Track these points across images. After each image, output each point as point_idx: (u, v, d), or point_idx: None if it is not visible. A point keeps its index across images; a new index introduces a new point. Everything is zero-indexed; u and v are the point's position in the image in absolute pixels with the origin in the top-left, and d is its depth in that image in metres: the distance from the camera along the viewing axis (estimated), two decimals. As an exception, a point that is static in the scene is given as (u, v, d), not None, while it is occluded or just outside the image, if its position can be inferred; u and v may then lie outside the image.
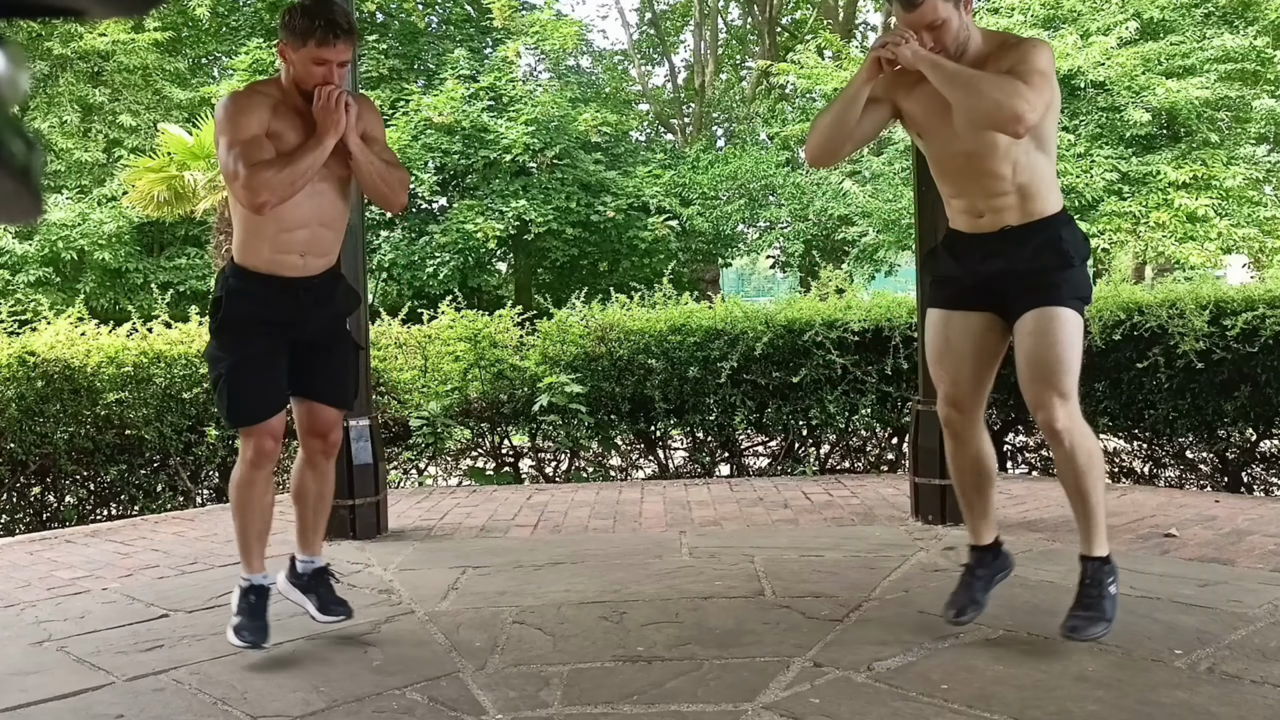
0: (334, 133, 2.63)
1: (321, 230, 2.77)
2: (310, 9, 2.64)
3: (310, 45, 2.61)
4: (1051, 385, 2.53)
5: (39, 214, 0.59)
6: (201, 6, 17.32)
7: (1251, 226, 12.81)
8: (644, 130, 22.53)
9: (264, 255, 2.71)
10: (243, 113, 2.62)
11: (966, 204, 2.68)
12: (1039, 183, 2.59)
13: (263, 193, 2.54)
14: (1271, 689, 2.32)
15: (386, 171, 2.80)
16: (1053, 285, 2.56)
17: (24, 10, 0.56)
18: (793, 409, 6.05)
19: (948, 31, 2.54)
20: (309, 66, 2.63)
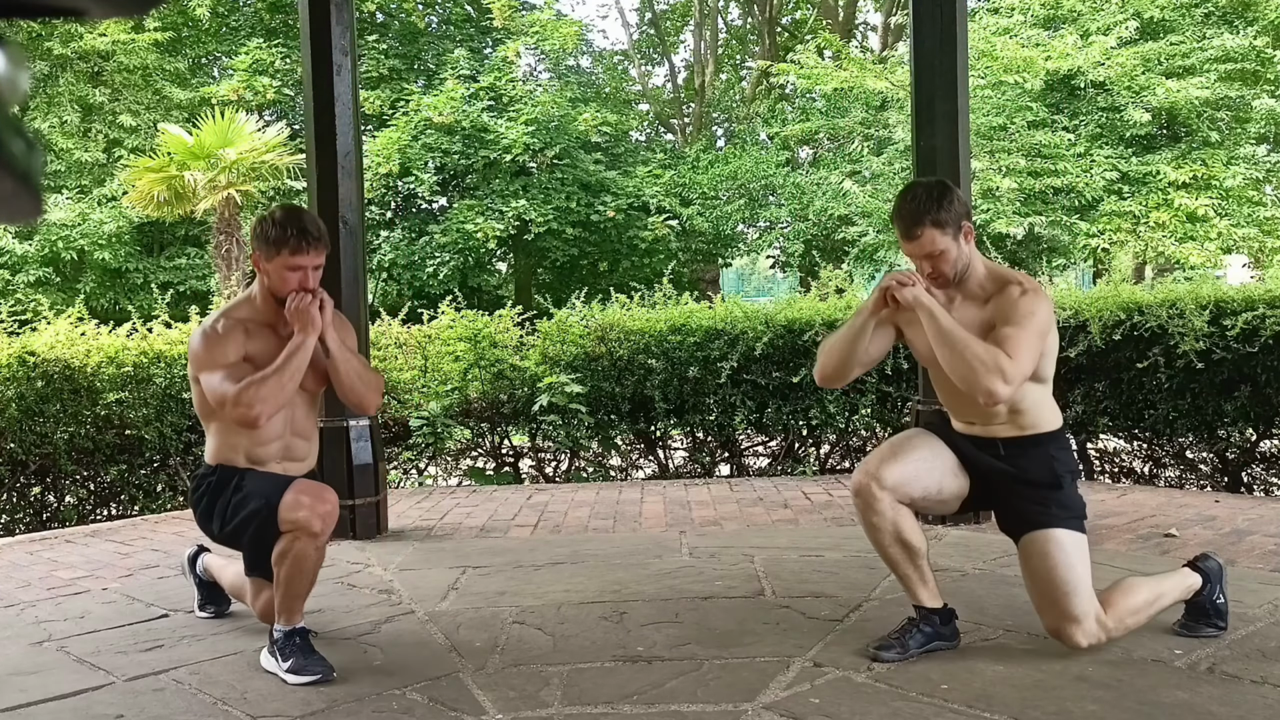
0: (312, 330, 2.68)
1: (295, 440, 2.82)
2: (281, 220, 2.71)
3: (284, 254, 2.68)
4: (1064, 612, 2.52)
5: (39, 214, 0.59)
6: (201, 6, 17.32)
7: (1251, 226, 12.81)
8: (644, 130, 22.54)
9: (240, 463, 2.75)
10: (219, 345, 2.67)
11: (958, 413, 2.71)
12: (1033, 408, 2.60)
13: (256, 405, 2.58)
14: (1271, 689, 2.32)
15: (364, 372, 2.86)
16: (1045, 505, 2.56)
17: (24, 10, 0.56)
18: (793, 409, 6.05)
19: (946, 261, 2.57)
20: (283, 274, 2.70)
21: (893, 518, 2.56)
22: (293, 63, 16.91)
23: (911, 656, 2.59)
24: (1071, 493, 2.60)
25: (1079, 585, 2.51)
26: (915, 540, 2.60)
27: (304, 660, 2.57)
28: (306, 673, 2.55)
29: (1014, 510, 2.62)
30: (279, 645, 2.61)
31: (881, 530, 2.58)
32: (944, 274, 2.58)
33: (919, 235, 2.54)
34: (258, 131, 14.11)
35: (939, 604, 2.67)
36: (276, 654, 2.61)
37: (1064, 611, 2.51)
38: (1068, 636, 2.53)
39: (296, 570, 2.59)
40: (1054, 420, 2.65)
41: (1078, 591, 2.51)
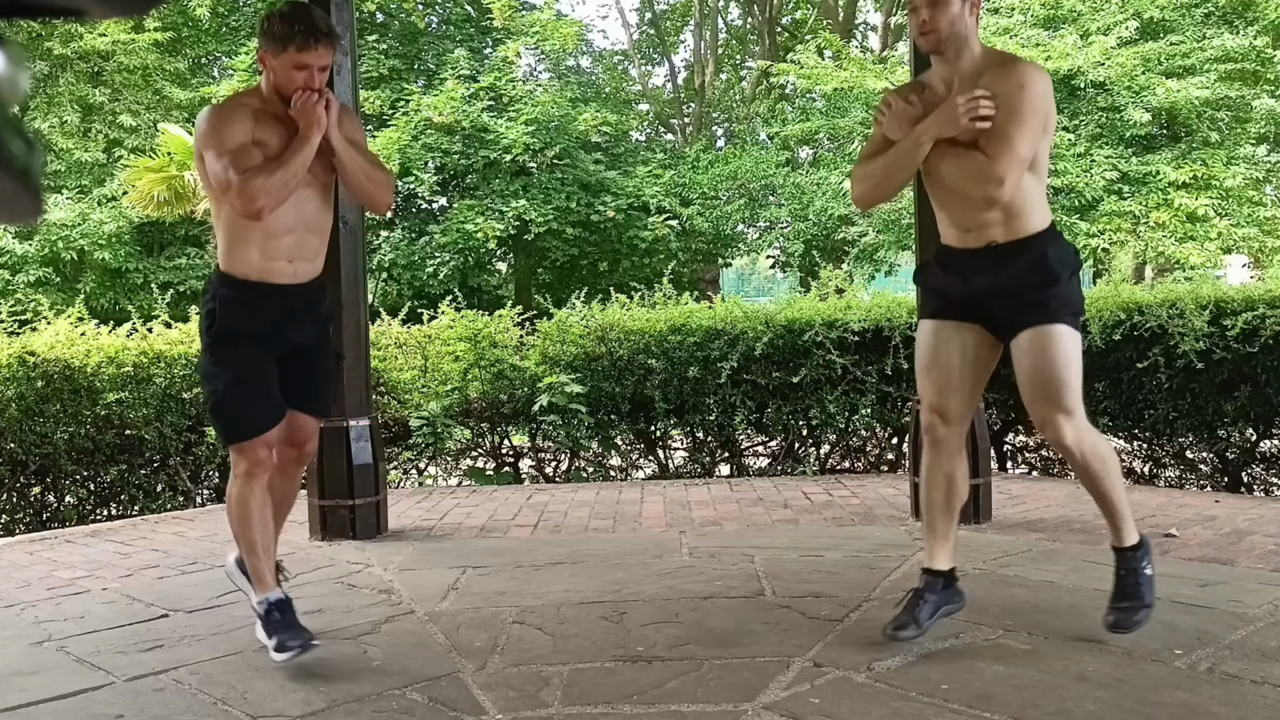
0: (317, 129, 2.63)
1: (308, 235, 2.76)
2: (289, 15, 2.64)
3: (290, 51, 2.61)
4: (1054, 404, 2.54)
5: (39, 214, 0.59)
6: (201, 7, 17.32)
7: (1251, 226, 12.80)
8: (644, 130, 22.53)
9: (253, 263, 2.69)
10: (226, 123, 2.61)
11: (953, 218, 2.70)
12: (1025, 201, 2.59)
13: (259, 198, 2.53)
14: (1271, 689, 2.32)
15: (370, 169, 2.80)
16: (1042, 303, 2.57)
17: (24, 10, 0.56)
18: (793, 409, 6.05)
19: (944, 11, 2.56)
20: (289, 72, 2.63)
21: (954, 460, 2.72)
22: (293, 63, 16.87)
23: (927, 629, 2.65)
24: (1069, 287, 2.61)
25: (1073, 381, 2.55)
26: (961, 488, 2.74)
27: (283, 632, 2.60)
28: (287, 647, 2.57)
29: (1013, 313, 2.62)
30: (263, 617, 2.64)
31: (939, 470, 2.72)
32: (938, 26, 2.57)
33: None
34: (258, 131, 14.08)
35: (948, 566, 2.72)
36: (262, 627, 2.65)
37: (1057, 403, 2.54)
38: (1056, 427, 2.55)
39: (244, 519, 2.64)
40: (1044, 219, 2.64)
41: (1071, 387, 2.54)
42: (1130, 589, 2.69)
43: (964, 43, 2.61)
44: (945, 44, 2.60)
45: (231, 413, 2.70)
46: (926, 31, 2.59)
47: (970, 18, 2.60)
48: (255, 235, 2.66)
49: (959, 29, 2.58)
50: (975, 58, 2.62)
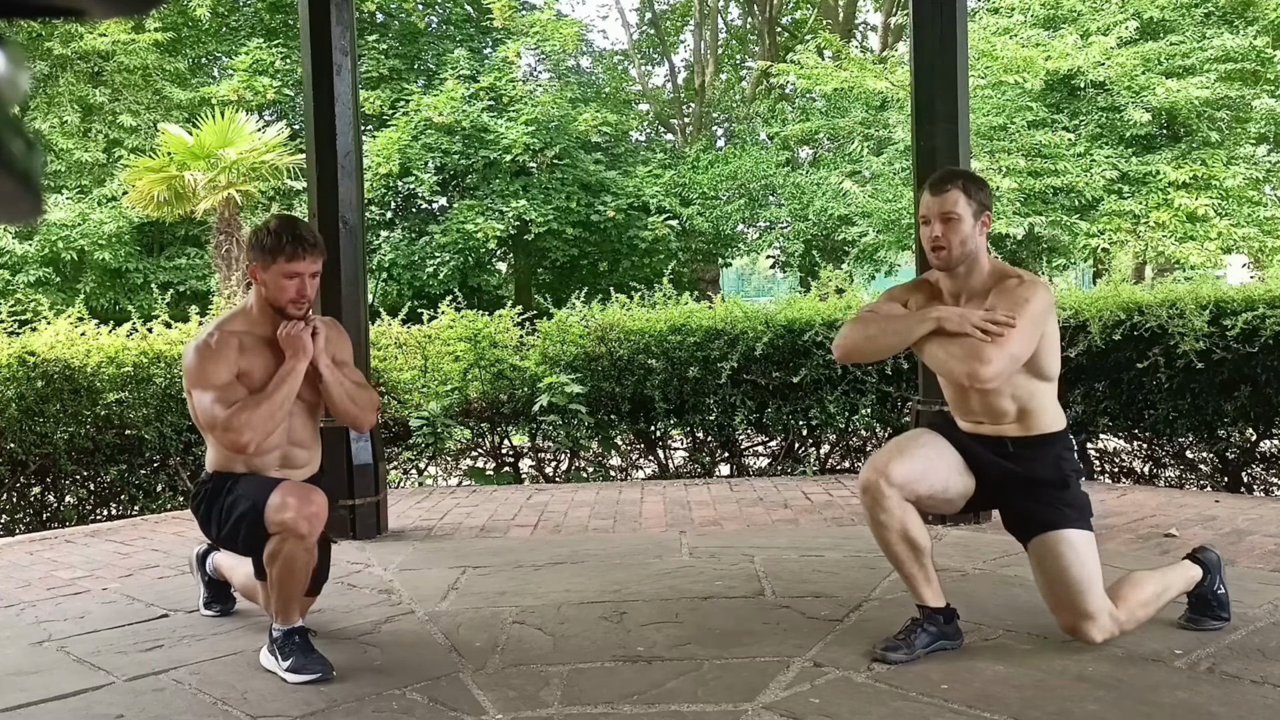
0: (303, 357, 2.69)
1: (294, 449, 2.82)
2: (276, 229, 2.71)
3: (280, 261, 2.68)
4: (1079, 611, 2.56)
5: (39, 214, 0.59)
6: (201, 7, 17.32)
7: (1251, 226, 12.79)
8: (644, 130, 22.51)
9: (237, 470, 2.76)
10: (212, 361, 2.66)
11: (964, 413, 2.73)
12: (1039, 410, 2.63)
13: (245, 432, 2.59)
14: (1271, 689, 2.32)
15: (356, 392, 2.86)
16: (1056, 505, 2.59)
17: (24, 10, 0.56)
18: (793, 409, 6.05)
19: (956, 230, 2.59)
20: (280, 281, 2.70)
21: (900, 515, 2.57)
22: (293, 63, 16.91)
23: (918, 657, 2.59)
24: (1078, 492, 2.63)
25: (1092, 583, 2.55)
26: (921, 539, 2.61)
27: (304, 659, 2.57)
28: (306, 671, 2.55)
29: (1023, 511, 2.65)
30: (278, 644, 2.61)
31: (889, 528, 2.59)
32: (950, 244, 2.59)
33: (946, 190, 2.60)
34: (258, 132, 14.11)
35: (942, 603, 2.68)
36: (276, 653, 2.61)
37: (1080, 609, 2.55)
38: (1084, 633, 2.57)
39: (287, 572, 2.60)
40: (1059, 421, 2.67)
41: (1091, 589, 2.55)
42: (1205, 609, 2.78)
43: (974, 261, 2.64)
44: (956, 261, 2.62)
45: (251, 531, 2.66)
46: (938, 248, 2.61)
47: (981, 236, 2.64)
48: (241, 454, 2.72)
49: (970, 247, 2.62)
50: (984, 275, 2.65)
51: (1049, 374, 2.62)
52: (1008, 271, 2.66)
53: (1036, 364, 2.57)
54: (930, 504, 2.70)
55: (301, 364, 2.69)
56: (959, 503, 2.73)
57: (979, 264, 2.65)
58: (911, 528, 2.59)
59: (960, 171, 2.74)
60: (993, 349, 2.46)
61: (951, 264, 2.63)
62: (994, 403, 2.62)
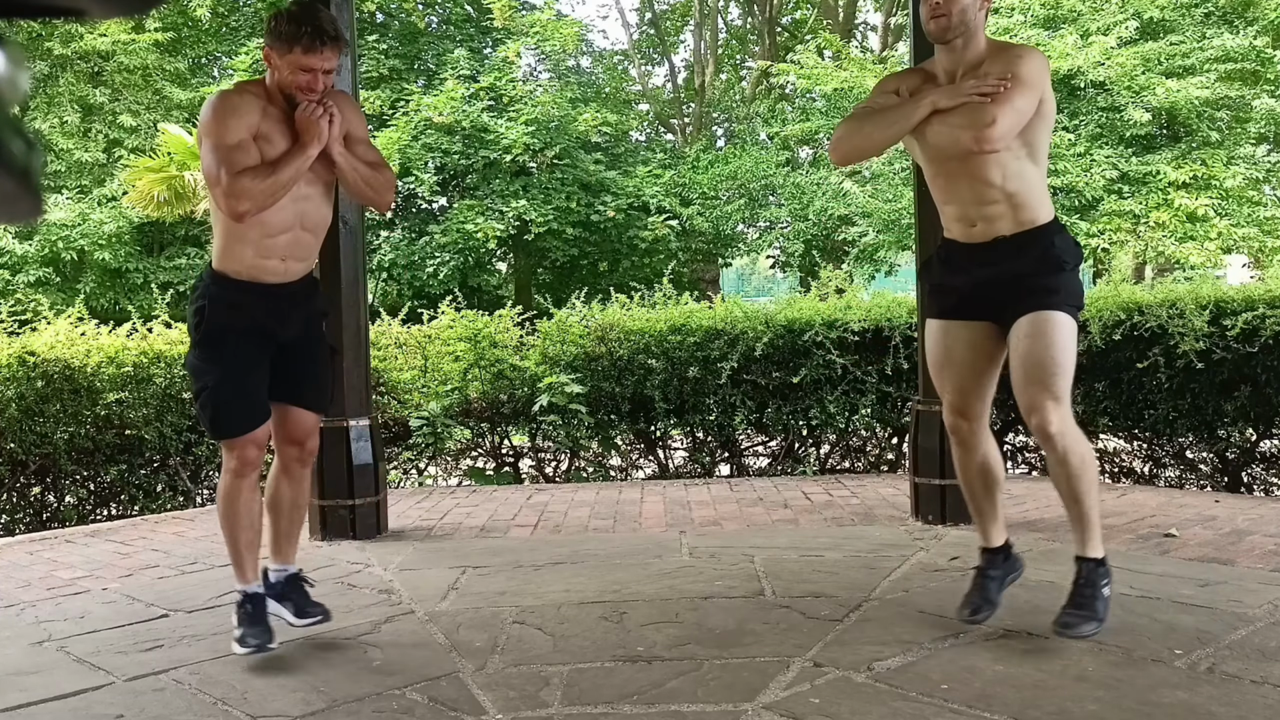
0: (316, 143, 2.63)
1: (304, 234, 2.76)
2: (297, 15, 2.62)
3: (296, 52, 2.59)
4: (1045, 388, 2.55)
5: (39, 214, 0.59)
6: (201, 7, 17.31)
7: (1251, 226, 12.80)
8: (644, 130, 22.51)
9: (246, 261, 2.69)
10: (231, 114, 2.59)
11: (959, 211, 2.72)
12: (1030, 192, 2.63)
13: (244, 201, 2.53)
14: (1271, 689, 2.32)
15: (371, 175, 2.79)
16: (1046, 290, 2.60)
17: (24, 10, 0.56)
18: (793, 409, 6.05)
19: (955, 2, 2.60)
20: (294, 73, 2.62)
21: (983, 450, 2.79)
22: (293, 63, 16.87)
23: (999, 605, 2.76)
24: (1071, 278, 2.64)
25: (1067, 369, 2.57)
26: (998, 472, 2.82)
27: (249, 628, 2.63)
28: (246, 643, 2.61)
29: (1016, 303, 2.64)
30: (236, 607, 2.69)
31: (971, 464, 2.79)
32: (950, 11, 2.60)
33: None
34: (258, 131, 14.08)
35: (1002, 541, 2.83)
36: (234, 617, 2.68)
37: (1049, 387, 2.55)
38: (1043, 412, 2.56)
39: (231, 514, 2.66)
40: (1049, 211, 2.69)
41: (1064, 374, 2.56)
42: (1086, 600, 2.68)
43: (971, 35, 2.65)
44: (954, 32, 2.63)
45: (216, 410, 2.71)
46: (938, 15, 2.62)
47: (980, 12, 2.64)
48: (252, 233, 2.66)
49: (969, 19, 2.63)
50: (980, 50, 2.66)
51: (1039, 152, 2.63)
52: (1004, 45, 2.69)
53: (1029, 134, 2.57)
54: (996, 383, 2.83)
55: (314, 150, 2.62)
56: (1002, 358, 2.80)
57: (976, 39, 2.65)
58: (991, 462, 2.80)
59: None
60: (995, 107, 2.47)
61: (949, 33, 2.63)
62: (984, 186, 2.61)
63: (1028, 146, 2.60)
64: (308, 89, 2.63)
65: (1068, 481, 2.63)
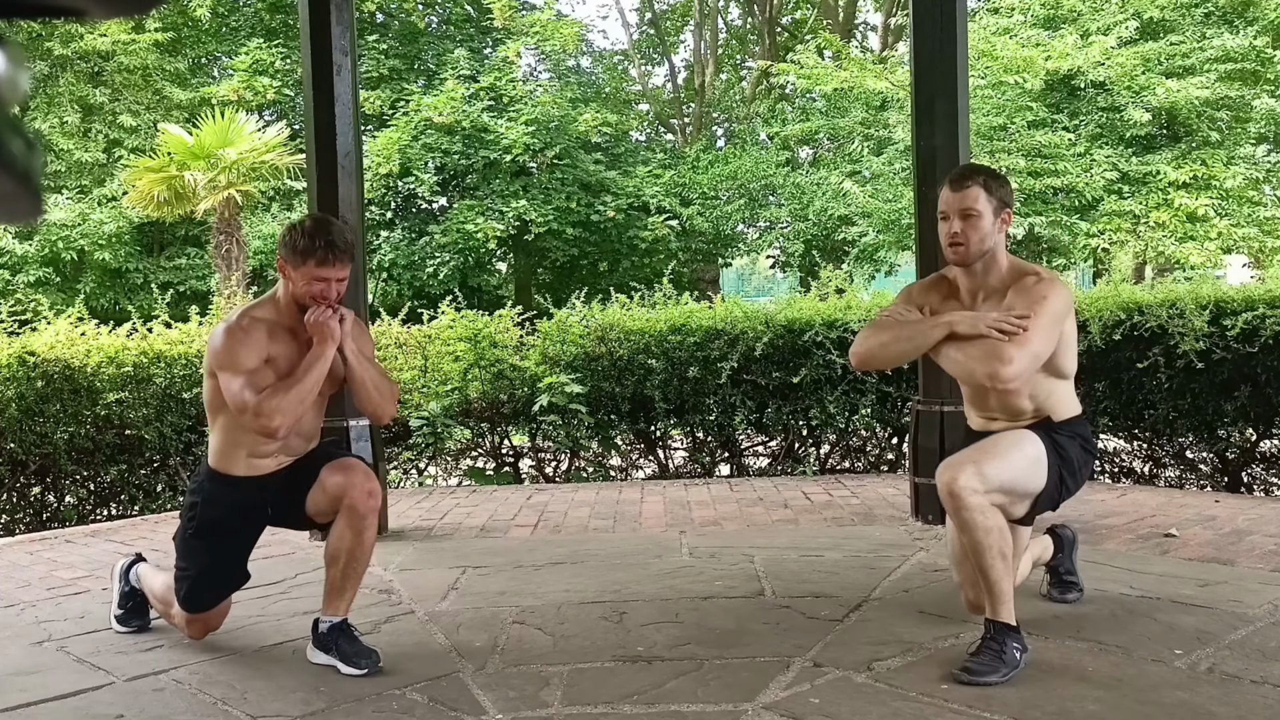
0: (331, 343, 2.69)
1: (297, 440, 2.82)
2: (311, 230, 2.69)
3: (310, 264, 2.67)
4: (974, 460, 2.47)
5: (39, 214, 0.59)
6: (202, 7, 17.32)
7: (1251, 226, 12.80)
8: (644, 130, 22.52)
9: (240, 462, 2.77)
10: (243, 345, 2.66)
11: (983, 410, 2.74)
12: (1057, 404, 2.65)
13: (275, 417, 2.60)
14: (1271, 689, 2.32)
15: (381, 382, 2.86)
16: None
17: (24, 10, 0.56)
18: (793, 409, 6.05)
19: (975, 227, 2.58)
20: (309, 284, 2.69)
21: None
22: (293, 63, 16.92)
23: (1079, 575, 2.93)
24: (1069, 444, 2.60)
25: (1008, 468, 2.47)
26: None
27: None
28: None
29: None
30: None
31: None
32: (969, 240, 2.59)
33: (967, 186, 2.60)
34: (258, 131, 14.11)
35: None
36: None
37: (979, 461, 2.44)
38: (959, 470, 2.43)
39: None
40: (1074, 409, 2.68)
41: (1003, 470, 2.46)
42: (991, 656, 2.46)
43: (992, 258, 2.64)
44: (974, 258, 2.62)
45: (190, 592, 2.80)
46: (956, 244, 2.61)
47: (1000, 234, 2.62)
48: (247, 440, 2.73)
49: (988, 245, 2.61)
50: (1002, 273, 2.65)
51: (1066, 371, 2.63)
52: (1026, 269, 2.65)
53: (1054, 362, 2.57)
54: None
55: (330, 349, 2.69)
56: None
57: (997, 261, 2.64)
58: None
59: (982, 168, 2.71)
60: (1013, 348, 2.44)
61: (969, 260, 2.62)
62: (1012, 402, 2.63)
63: (1051, 370, 2.58)
64: (322, 297, 2.70)
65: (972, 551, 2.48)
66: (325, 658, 2.70)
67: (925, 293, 2.78)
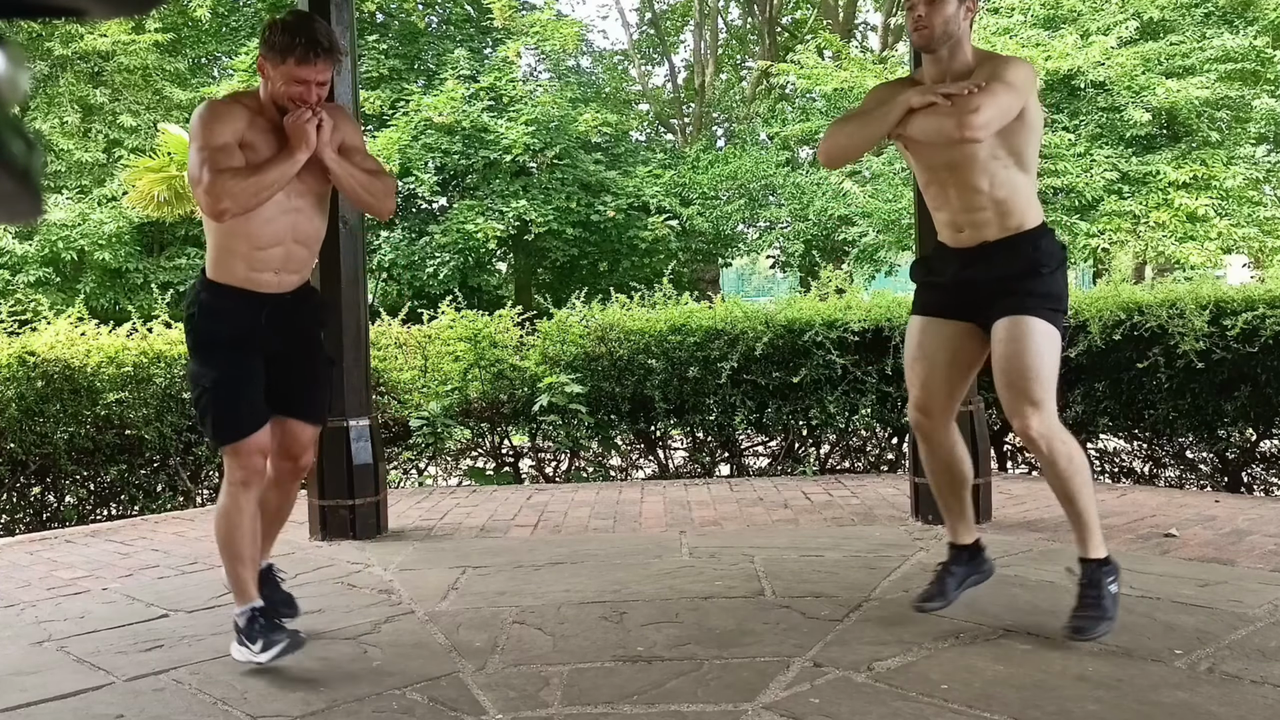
0: (305, 149, 2.59)
1: (296, 247, 2.74)
2: (291, 25, 2.60)
3: (289, 63, 2.57)
4: (1022, 393, 2.56)
5: (39, 214, 0.59)
6: (202, 7, 17.31)
7: (1251, 226, 12.80)
8: (644, 130, 22.52)
9: (238, 273, 2.67)
10: (218, 119, 2.58)
11: (948, 217, 2.75)
12: (1017, 199, 2.64)
13: (224, 199, 2.49)
14: (1271, 689, 2.32)
15: (369, 181, 2.77)
16: (1024, 293, 2.61)
17: (24, 10, 0.56)
18: (793, 409, 6.04)
19: (940, 10, 2.62)
20: (288, 84, 2.60)
21: (947, 447, 2.79)
22: (293, 63, 16.88)
23: (954, 600, 2.75)
24: (1051, 281, 2.64)
25: (1044, 373, 2.57)
26: (965, 471, 2.81)
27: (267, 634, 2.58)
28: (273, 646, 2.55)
29: (996, 307, 2.66)
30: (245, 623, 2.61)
31: (936, 458, 2.80)
32: (932, 24, 2.62)
33: None
34: (258, 131, 14.08)
35: (971, 539, 2.82)
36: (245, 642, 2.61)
37: (1026, 392, 2.56)
38: (1023, 417, 2.57)
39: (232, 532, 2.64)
40: (1036, 216, 2.70)
41: (1041, 379, 2.56)
42: (1092, 601, 2.66)
43: (957, 44, 2.68)
44: (938, 42, 2.66)
45: (217, 413, 2.69)
46: (921, 27, 2.65)
47: (965, 20, 2.66)
48: (242, 246, 2.64)
49: (953, 29, 2.65)
50: (967, 60, 2.69)
51: (1028, 162, 2.65)
52: (991, 55, 2.71)
53: (1015, 144, 2.59)
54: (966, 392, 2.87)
55: (302, 155, 2.59)
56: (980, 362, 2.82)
57: (962, 49, 2.68)
58: (956, 460, 2.80)
59: None
60: (979, 97, 2.48)
61: (933, 44, 2.65)
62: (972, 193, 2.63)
63: (1014, 155, 2.62)
64: (301, 100, 2.61)
65: (1058, 481, 2.64)
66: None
67: (892, 88, 2.79)
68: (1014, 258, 2.65)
